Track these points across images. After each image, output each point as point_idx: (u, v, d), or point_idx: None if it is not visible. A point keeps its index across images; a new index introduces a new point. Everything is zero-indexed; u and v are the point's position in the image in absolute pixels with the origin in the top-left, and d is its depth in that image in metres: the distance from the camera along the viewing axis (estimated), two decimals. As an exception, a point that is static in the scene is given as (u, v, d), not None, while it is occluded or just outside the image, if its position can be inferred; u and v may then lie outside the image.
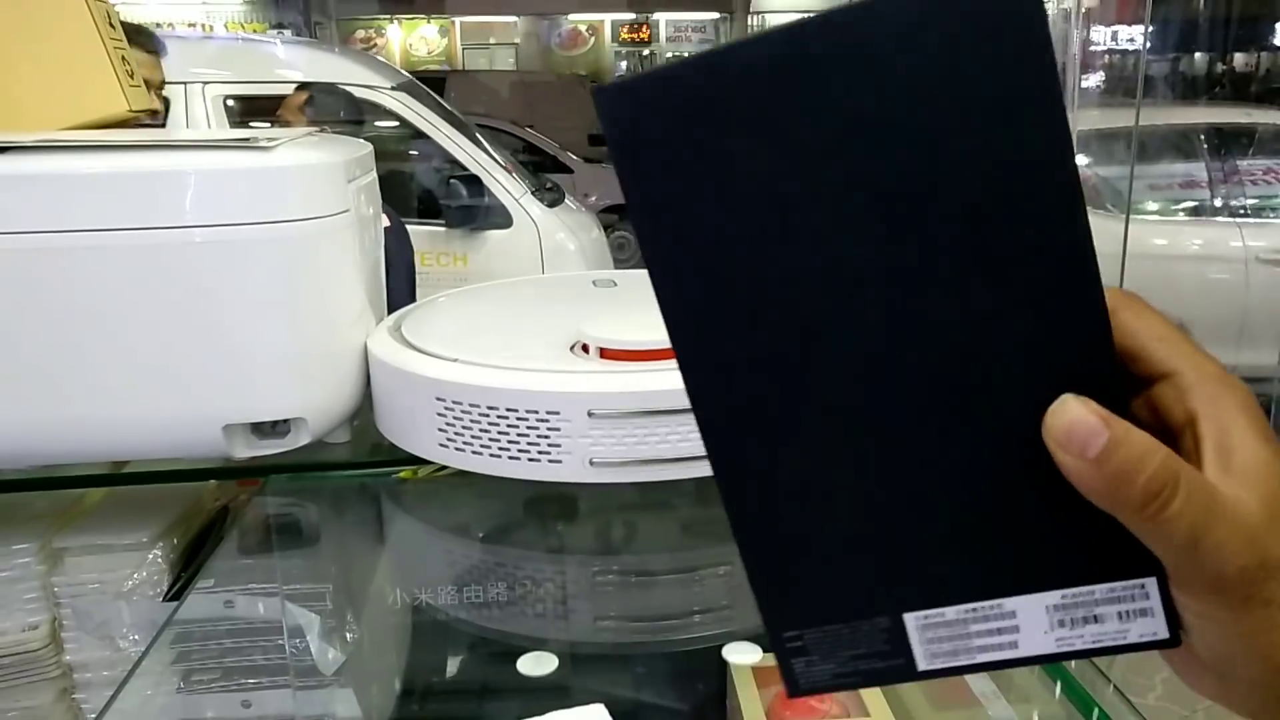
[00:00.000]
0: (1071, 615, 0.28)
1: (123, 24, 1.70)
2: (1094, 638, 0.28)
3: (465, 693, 0.90)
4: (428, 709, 0.89)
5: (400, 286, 1.93)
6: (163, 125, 1.73)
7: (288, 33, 9.72)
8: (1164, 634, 0.28)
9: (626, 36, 12.70)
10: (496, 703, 0.87)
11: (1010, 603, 0.28)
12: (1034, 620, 0.28)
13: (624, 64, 12.70)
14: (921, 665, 0.29)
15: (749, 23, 12.63)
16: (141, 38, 1.70)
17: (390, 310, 0.98)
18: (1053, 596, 0.28)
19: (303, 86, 2.45)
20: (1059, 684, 0.79)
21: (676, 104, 0.24)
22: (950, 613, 0.28)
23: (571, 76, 9.84)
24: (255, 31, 10.06)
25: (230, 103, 3.21)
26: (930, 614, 0.29)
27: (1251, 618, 0.27)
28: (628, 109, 0.24)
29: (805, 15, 0.24)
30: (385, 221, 2.07)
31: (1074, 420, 0.26)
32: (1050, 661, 0.29)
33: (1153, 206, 3.55)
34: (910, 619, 0.29)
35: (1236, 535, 0.26)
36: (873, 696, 0.78)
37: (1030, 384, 0.26)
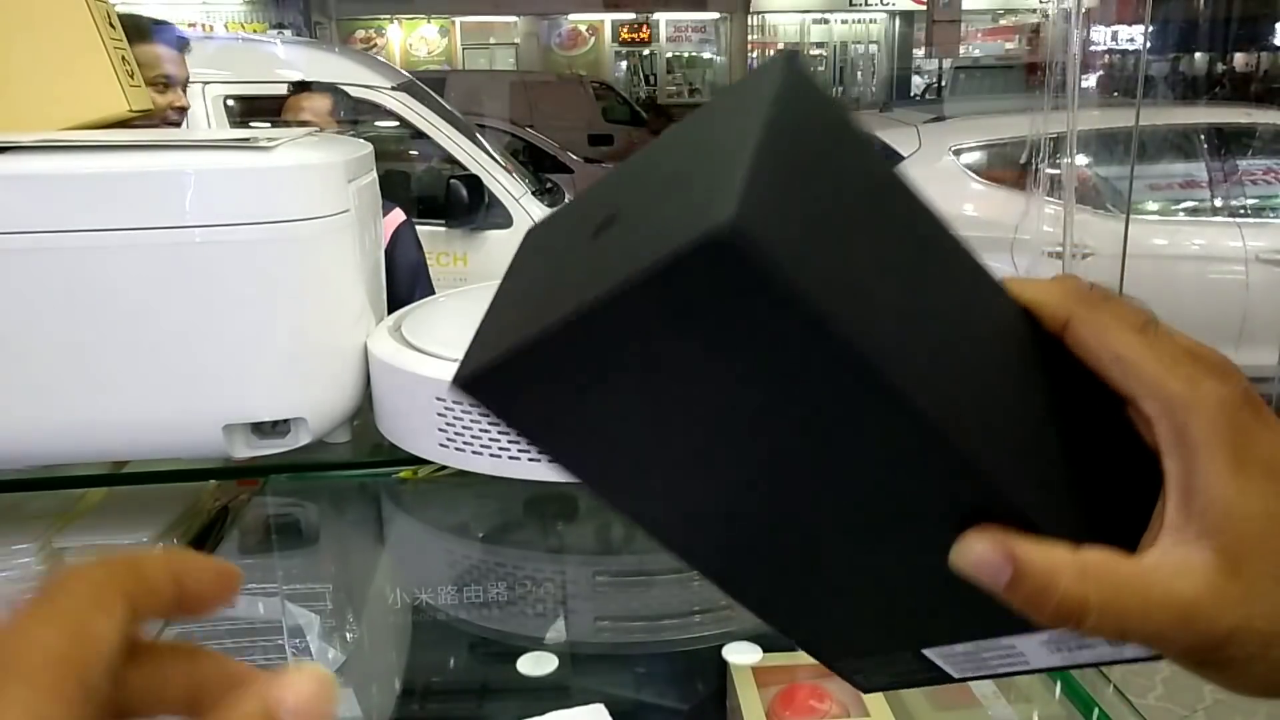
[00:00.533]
0: (1064, 645, 0.30)
1: (146, 19, 1.71)
2: (1093, 656, 0.30)
3: (465, 693, 0.90)
4: (428, 709, 0.89)
5: (409, 284, 1.95)
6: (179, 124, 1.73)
7: (288, 33, 9.72)
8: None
9: (626, 36, 12.70)
10: (496, 703, 0.87)
11: (1007, 640, 0.30)
12: (1034, 649, 0.30)
13: (624, 64, 12.70)
14: (956, 675, 0.33)
15: (749, 22, 12.63)
16: (166, 34, 1.70)
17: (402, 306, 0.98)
18: (1041, 635, 0.29)
19: (303, 86, 2.44)
20: (1059, 684, 0.79)
21: (517, 379, 0.25)
22: (959, 647, 0.31)
23: (571, 76, 9.84)
24: (255, 31, 10.07)
25: (230, 103, 3.21)
26: (944, 649, 0.32)
27: (1218, 677, 0.27)
28: (489, 396, 0.26)
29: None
30: (401, 216, 2.09)
31: (977, 560, 0.26)
32: (1064, 669, 0.31)
33: (1153, 206, 3.56)
34: (929, 652, 0.32)
35: (1170, 623, 0.26)
36: (874, 697, 0.78)
37: (947, 521, 0.27)
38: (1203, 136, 3.54)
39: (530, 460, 0.76)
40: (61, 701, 0.20)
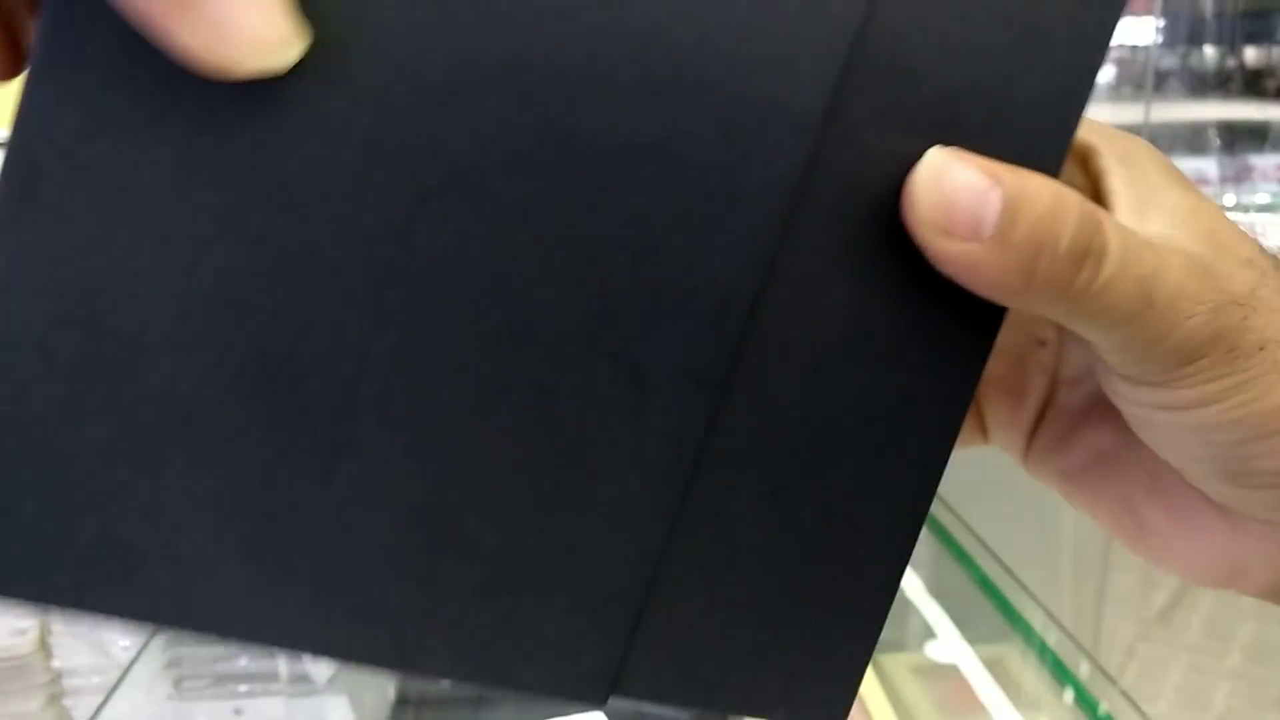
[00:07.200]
0: None
1: None
2: None
3: (461, 700, 0.89)
4: (423, 716, 0.88)
5: None
6: None
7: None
8: None
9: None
10: (493, 710, 0.86)
11: None
12: None
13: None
14: None
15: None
16: None
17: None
18: None
19: None
20: (1069, 690, 0.78)
21: None
22: None
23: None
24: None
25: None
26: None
27: (1249, 372, 0.20)
28: None
29: None
30: None
31: (955, 189, 0.18)
32: None
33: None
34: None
35: (1192, 275, 0.19)
36: (878, 702, 0.77)
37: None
38: (1214, 132, 3.51)
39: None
40: None
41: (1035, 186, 0.18)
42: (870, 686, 0.78)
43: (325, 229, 0.16)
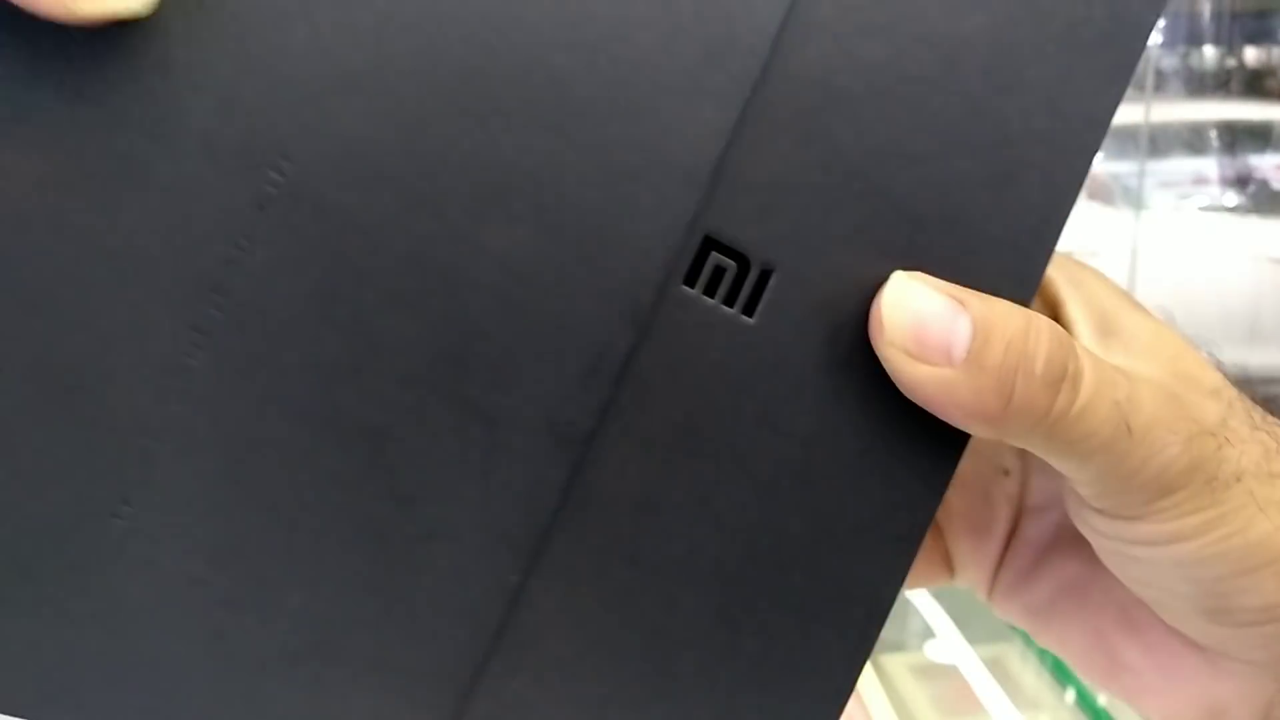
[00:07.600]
0: None
1: None
2: None
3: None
4: None
5: None
6: None
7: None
8: None
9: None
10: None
11: None
12: None
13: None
14: None
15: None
16: None
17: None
18: None
19: None
20: (1070, 691, 0.77)
21: None
22: None
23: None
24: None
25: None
26: None
27: (1228, 504, 0.19)
28: None
29: None
30: None
31: (923, 311, 0.17)
32: None
33: (1163, 203, 3.53)
34: None
35: (1164, 403, 0.18)
36: (879, 703, 0.77)
37: None
38: (1214, 133, 3.51)
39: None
40: None
41: (1003, 310, 0.18)
42: (870, 686, 0.77)
43: (142, 227, 0.14)
